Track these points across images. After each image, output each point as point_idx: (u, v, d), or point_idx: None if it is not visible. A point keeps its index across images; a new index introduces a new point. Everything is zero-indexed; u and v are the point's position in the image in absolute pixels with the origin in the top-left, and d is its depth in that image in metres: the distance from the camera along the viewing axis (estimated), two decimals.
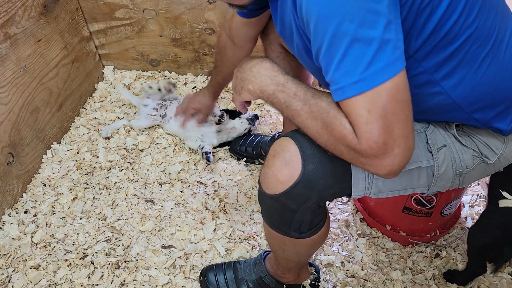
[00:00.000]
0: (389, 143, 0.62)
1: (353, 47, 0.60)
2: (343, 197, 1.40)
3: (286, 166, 0.76)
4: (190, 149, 1.55)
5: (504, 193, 0.93)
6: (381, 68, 0.60)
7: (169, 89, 1.59)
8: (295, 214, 0.80)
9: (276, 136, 1.48)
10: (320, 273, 1.16)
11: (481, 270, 1.08)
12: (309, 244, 0.88)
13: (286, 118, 0.96)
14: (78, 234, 1.28)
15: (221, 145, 1.56)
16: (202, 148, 1.47)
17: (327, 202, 1.36)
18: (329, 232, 1.28)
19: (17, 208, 1.36)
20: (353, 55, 0.60)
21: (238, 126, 1.53)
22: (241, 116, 1.55)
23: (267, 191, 0.79)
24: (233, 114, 1.55)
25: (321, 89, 0.78)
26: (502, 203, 0.93)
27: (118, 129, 1.62)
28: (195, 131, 1.52)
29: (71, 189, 1.41)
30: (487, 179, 1.31)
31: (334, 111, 0.66)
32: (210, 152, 1.45)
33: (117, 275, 1.18)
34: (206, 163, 1.47)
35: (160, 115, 1.59)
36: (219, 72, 1.33)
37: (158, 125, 1.63)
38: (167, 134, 1.61)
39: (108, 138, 1.59)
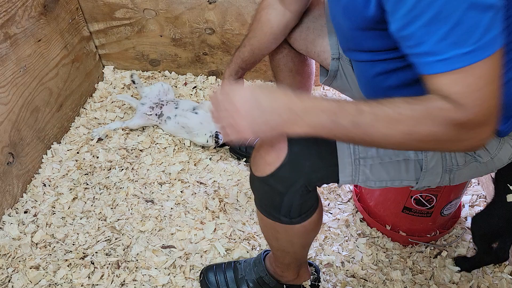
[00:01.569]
0: (492, 109, 0.61)
1: (468, 14, 0.55)
2: (341, 196, 1.40)
3: (272, 148, 0.77)
4: (196, 146, 1.55)
5: None
6: (494, 38, 0.57)
7: (133, 80, 1.64)
8: (284, 197, 0.80)
9: None
10: (320, 273, 1.16)
11: (489, 258, 1.09)
12: (301, 231, 0.87)
13: (350, 141, 0.79)
14: (78, 234, 1.28)
15: (221, 145, 1.56)
16: (212, 132, 1.49)
17: (326, 200, 1.37)
18: (329, 232, 1.29)
19: (17, 208, 1.36)
20: (467, 24, 0.56)
21: None
22: None
23: (256, 174, 0.81)
24: None
25: (324, 88, 0.77)
26: (510, 198, 0.94)
27: (114, 130, 1.61)
28: (202, 128, 1.52)
29: (71, 189, 1.41)
30: (492, 174, 1.31)
31: (419, 104, 0.62)
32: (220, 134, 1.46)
33: (117, 275, 1.18)
34: (215, 143, 1.48)
35: (156, 114, 1.59)
36: (247, 43, 1.10)
37: (155, 125, 1.63)
38: (167, 134, 1.61)
39: (100, 139, 1.58)
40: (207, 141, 1.49)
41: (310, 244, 0.99)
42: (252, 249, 1.24)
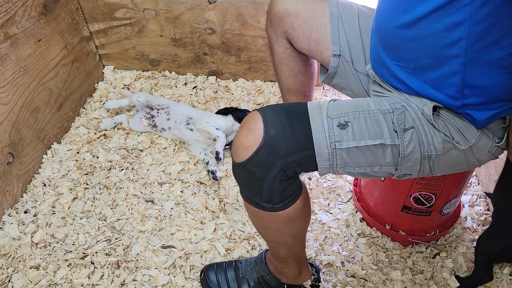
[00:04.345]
0: None
1: None
2: (341, 196, 1.40)
3: (250, 133, 0.79)
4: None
5: None
6: None
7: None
8: (263, 182, 0.81)
9: None
10: (320, 273, 1.16)
11: (487, 277, 1.06)
12: (285, 219, 0.87)
13: None
14: (78, 234, 1.28)
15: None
16: (207, 163, 1.46)
17: (326, 200, 1.37)
18: (329, 232, 1.29)
19: (17, 208, 1.36)
20: None
21: None
22: None
23: (236, 160, 0.82)
24: (241, 119, 1.54)
25: (324, 89, 0.77)
26: None
27: (120, 123, 1.63)
28: (201, 142, 1.51)
29: (71, 189, 1.41)
30: (490, 185, 1.31)
31: None
32: (216, 171, 1.42)
33: (117, 275, 1.18)
34: (213, 178, 1.42)
35: (150, 125, 1.59)
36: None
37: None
38: None
39: (105, 130, 1.60)
40: (204, 160, 1.49)
41: (302, 236, 0.97)
42: (252, 249, 1.24)
